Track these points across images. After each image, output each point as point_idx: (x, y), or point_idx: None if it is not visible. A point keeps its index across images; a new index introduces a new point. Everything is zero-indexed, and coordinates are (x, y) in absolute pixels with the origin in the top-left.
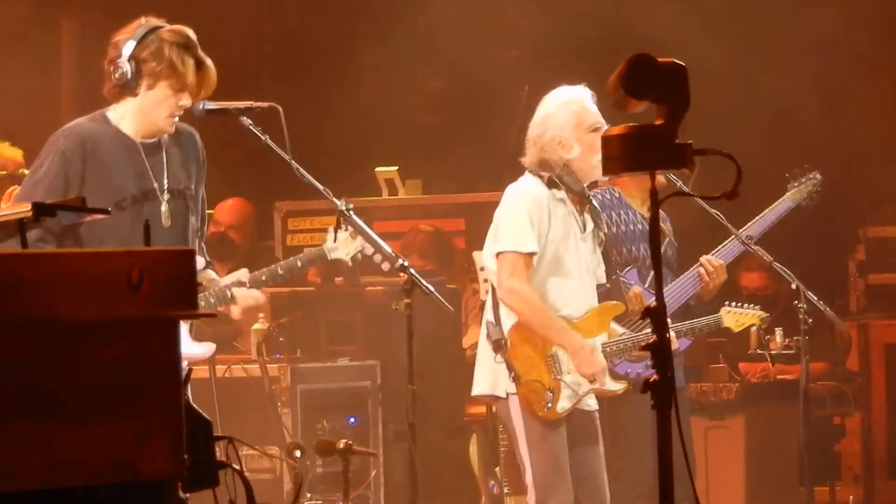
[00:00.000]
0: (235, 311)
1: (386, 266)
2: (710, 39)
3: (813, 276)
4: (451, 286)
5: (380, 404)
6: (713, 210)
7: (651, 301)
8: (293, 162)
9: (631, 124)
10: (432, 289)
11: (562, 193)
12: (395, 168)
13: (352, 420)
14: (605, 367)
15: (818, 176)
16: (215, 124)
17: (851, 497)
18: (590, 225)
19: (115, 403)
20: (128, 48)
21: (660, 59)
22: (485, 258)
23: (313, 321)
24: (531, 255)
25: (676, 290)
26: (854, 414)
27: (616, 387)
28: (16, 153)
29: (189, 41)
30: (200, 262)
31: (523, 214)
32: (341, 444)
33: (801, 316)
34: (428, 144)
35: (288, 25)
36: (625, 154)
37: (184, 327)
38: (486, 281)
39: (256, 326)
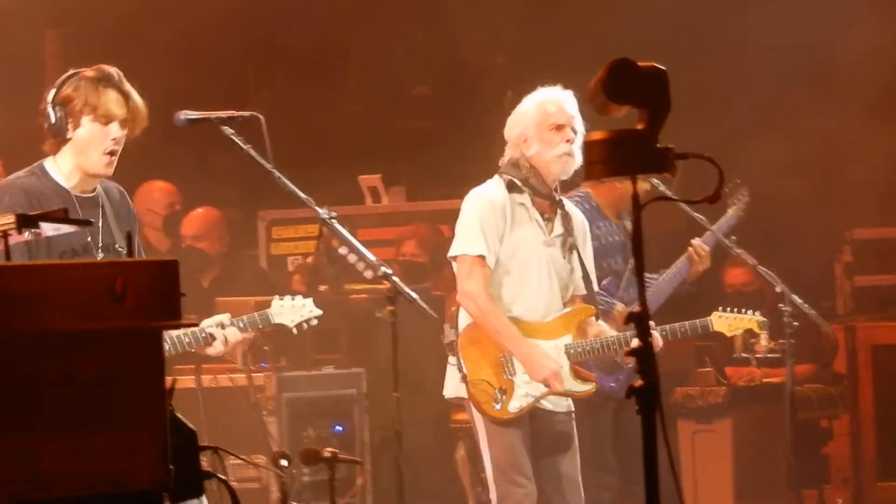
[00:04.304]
0: (212, 350)
1: (369, 274)
2: (697, 45)
3: (799, 279)
4: (436, 293)
5: (365, 412)
6: (696, 214)
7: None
8: (275, 171)
9: (612, 129)
10: (416, 296)
11: (523, 197)
12: (379, 175)
13: (338, 428)
14: (557, 370)
15: (747, 193)
16: (197, 134)
17: (840, 500)
18: (558, 230)
19: (100, 414)
20: (50, 95)
21: (640, 63)
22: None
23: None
24: (481, 257)
25: (665, 282)
26: (842, 416)
27: (581, 388)
28: None
29: (105, 74)
30: None
31: (474, 218)
32: (327, 452)
33: (785, 319)
34: (411, 151)
35: (272, 33)
36: (607, 159)
37: None
38: None
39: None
